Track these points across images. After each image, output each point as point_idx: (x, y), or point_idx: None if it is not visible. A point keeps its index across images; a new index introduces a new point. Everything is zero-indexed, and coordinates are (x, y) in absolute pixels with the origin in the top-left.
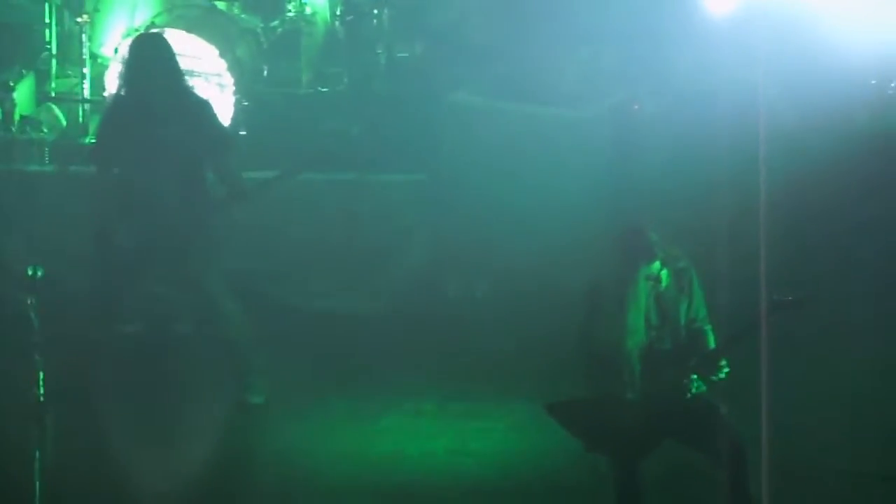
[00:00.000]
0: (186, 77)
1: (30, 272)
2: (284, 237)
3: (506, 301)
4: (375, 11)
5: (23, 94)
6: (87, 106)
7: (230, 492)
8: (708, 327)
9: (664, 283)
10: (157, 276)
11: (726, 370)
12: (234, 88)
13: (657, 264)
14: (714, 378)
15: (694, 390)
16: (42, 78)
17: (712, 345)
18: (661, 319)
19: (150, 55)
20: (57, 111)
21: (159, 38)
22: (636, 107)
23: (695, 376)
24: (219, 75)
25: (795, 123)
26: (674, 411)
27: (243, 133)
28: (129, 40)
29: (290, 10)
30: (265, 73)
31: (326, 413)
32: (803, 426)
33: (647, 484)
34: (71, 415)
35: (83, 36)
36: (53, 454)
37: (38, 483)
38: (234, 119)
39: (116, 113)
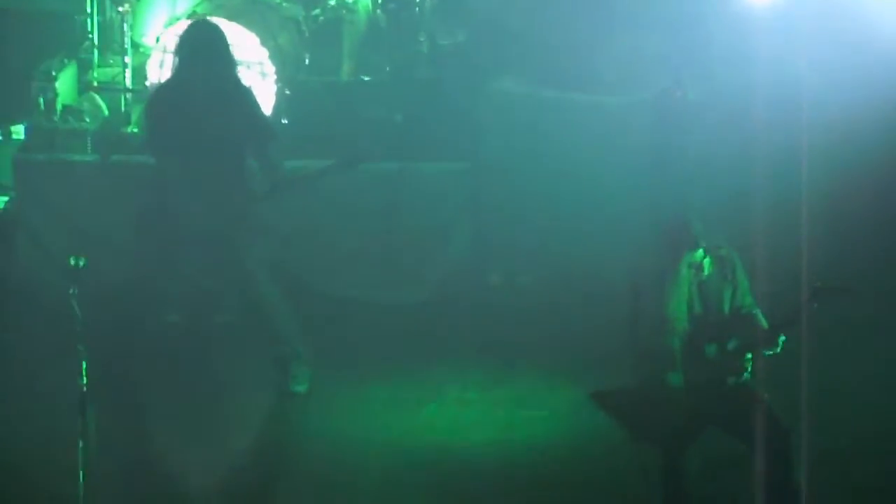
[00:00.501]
0: (237, 66)
1: (72, 262)
2: (328, 227)
3: (548, 290)
4: None
5: (65, 83)
6: (129, 95)
7: (273, 480)
8: (757, 311)
9: (707, 272)
10: (200, 264)
11: (782, 342)
12: (275, 77)
13: (700, 252)
14: (771, 352)
15: (738, 379)
16: (84, 67)
17: (765, 325)
18: (704, 308)
19: (203, 42)
20: (99, 100)
21: (213, 25)
22: (679, 93)
23: (746, 360)
24: (260, 63)
25: (839, 113)
26: (718, 400)
27: (285, 122)
28: (172, 29)
29: None
30: (307, 61)
31: (370, 403)
32: (846, 416)
33: (692, 473)
34: (114, 405)
35: (125, 25)
36: (97, 444)
37: (81, 473)
38: (275, 107)
39: (165, 98)
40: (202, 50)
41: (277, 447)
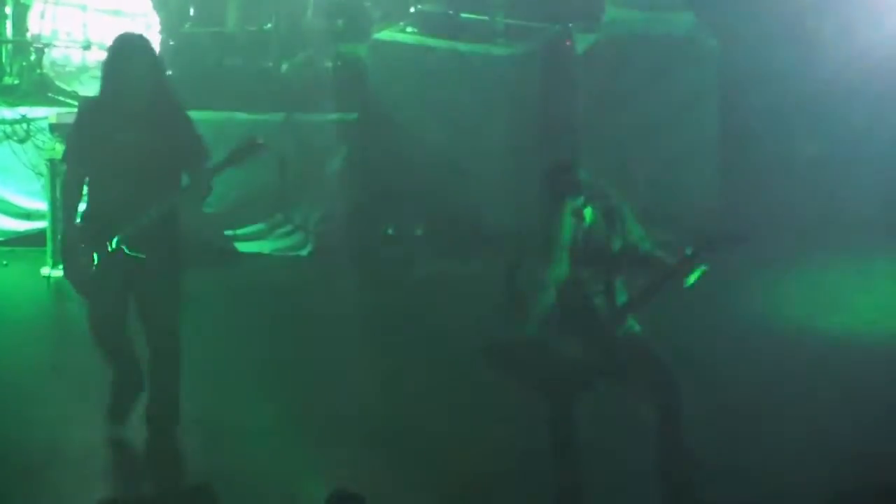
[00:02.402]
0: (167, 81)
1: None
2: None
3: (442, 240)
4: None
5: None
6: (10, 46)
7: None
8: (658, 254)
9: (588, 220)
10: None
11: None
12: (160, 28)
13: (581, 200)
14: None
15: (626, 330)
16: None
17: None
18: (592, 255)
19: (129, 56)
20: None
21: (141, 39)
22: (568, 43)
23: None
24: (145, 15)
25: None
26: (606, 351)
27: (170, 73)
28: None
29: None
30: (192, 12)
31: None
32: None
33: (580, 425)
34: None
35: None
36: None
37: None
38: (160, 58)
39: (93, 113)
40: (132, 64)
41: None
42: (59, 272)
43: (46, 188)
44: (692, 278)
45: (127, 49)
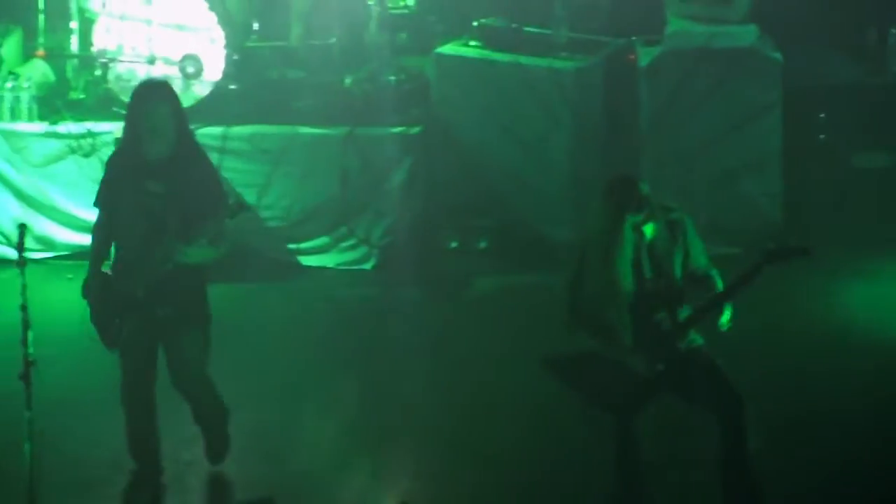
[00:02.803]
0: (189, 128)
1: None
2: (280, 192)
3: (505, 253)
4: None
5: (10, 50)
6: (75, 61)
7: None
8: (714, 273)
9: (649, 235)
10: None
11: (727, 316)
12: (224, 42)
13: (642, 215)
14: (721, 324)
15: (689, 344)
16: (29, 33)
17: (719, 288)
18: (655, 271)
19: (151, 104)
20: (45, 67)
21: (163, 86)
22: (631, 57)
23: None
24: (208, 29)
25: None
26: (670, 365)
27: (233, 87)
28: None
29: None
30: (255, 26)
31: (319, 365)
32: (799, 377)
33: (645, 437)
34: None
35: None
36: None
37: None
38: (224, 73)
39: (116, 161)
40: (154, 112)
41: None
42: None
43: None
44: (726, 319)
45: (148, 97)
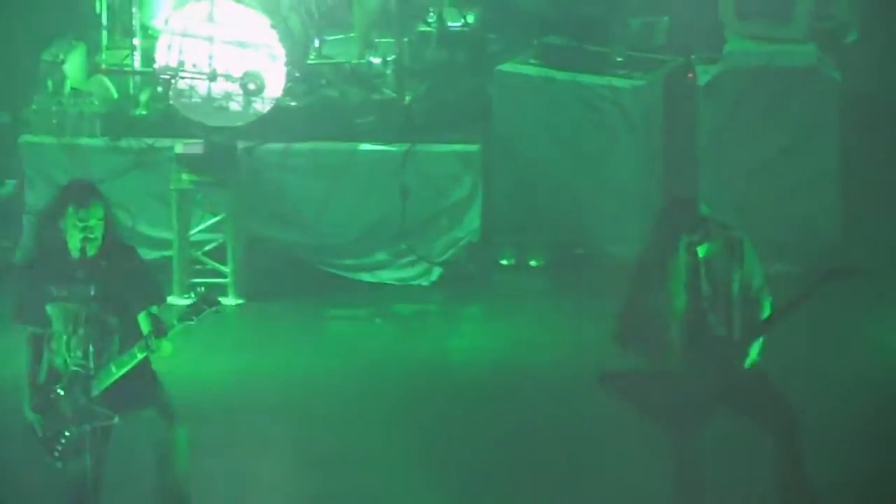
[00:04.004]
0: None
1: None
2: (339, 209)
3: (560, 270)
4: None
5: (73, 66)
6: (138, 78)
7: None
8: (765, 298)
9: (704, 253)
10: None
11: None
12: (285, 59)
13: (698, 235)
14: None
15: (746, 361)
16: (92, 50)
17: (768, 311)
18: (712, 290)
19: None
20: (108, 83)
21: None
22: (690, 75)
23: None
24: (270, 46)
25: None
26: (726, 382)
27: (294, 104)
28: (181, 11)
29: None
30: (316, 43)
31: (381, 382)
32: (854, 396)
33: (703, 454)
34: None
35: (134, 7)
36: None
37: None
38: (284, 90)
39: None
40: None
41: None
42: (183, 301)
43: (173, 218)
44: (753, 355)
45: (75, 197)
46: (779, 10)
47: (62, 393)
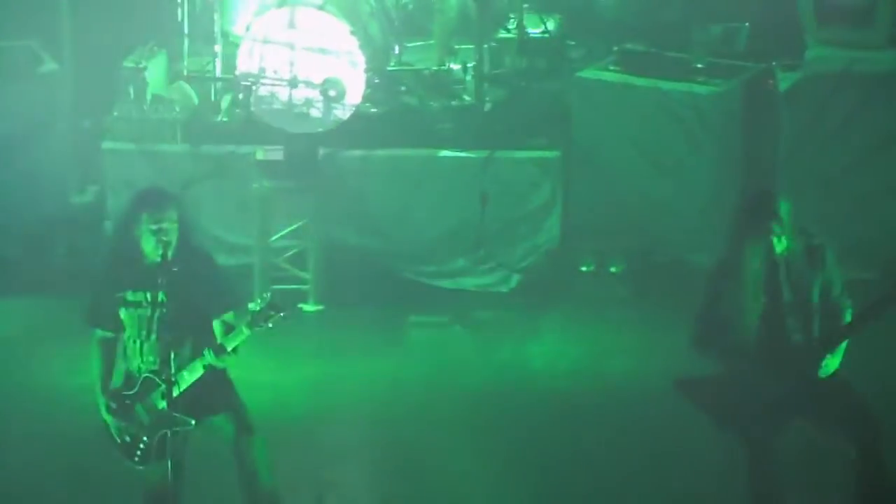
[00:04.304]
0: (193, 230)
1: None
2: (419, 215)
3: (639, 277)
4: None
5: (154, 72)
6: (218, 84)
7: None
8: (846, 305)
9: (779, 250)
10: None
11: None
12: (365, 66)
13: (777, 229)
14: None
15: (826, 368)
16: (174, 56)
17: (848, 319)
18: (792, 295)
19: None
20: (189, 90)
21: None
22: (770, 82)
23: (828, 355)
24: (350, 53)
25: None
26: (805, 390)
27: (374, 110)
28: (262, 18)
29: None
30: (396, 49)
31: (460, 389)
32: None
33: (781, 464)
34: None
35: (215, 14)
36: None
37: None
38: (365, 96)
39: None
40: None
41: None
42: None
43: (253, 224)
44: (834, 362)
45: (150, 203)
46: (860, 16)
47: (138, 399)
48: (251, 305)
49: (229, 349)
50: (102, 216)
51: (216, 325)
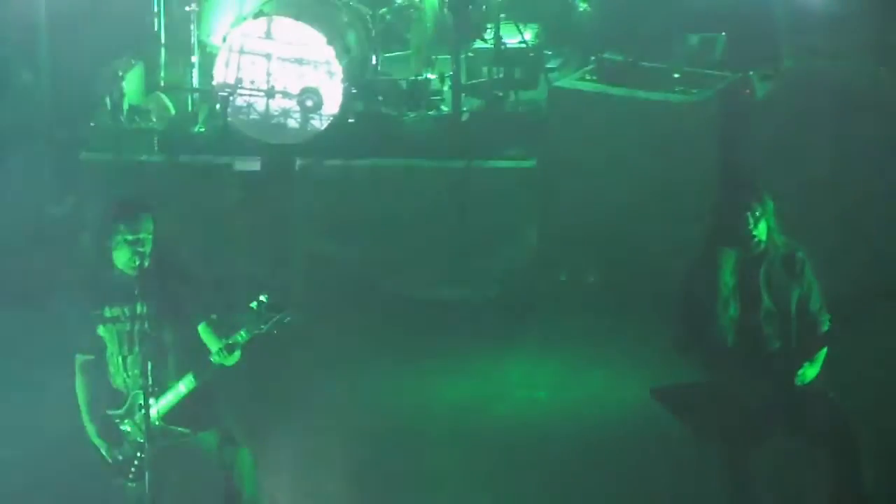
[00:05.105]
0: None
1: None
2: (394, 225)
3: (616, 287)
4: None
5: (132, 83)
6: (196, 95)
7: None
8: (824, 315)
9: (764, 230)
10: None
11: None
12: (342, 76)
13: (758, 208)
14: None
15: (803, 376)
16: (151, 67)
17: (824, 329)
18: (772, 303)
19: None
20: (166, 100)
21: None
22: (747, 91)
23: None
24: (327, 63)
25: None
26: (784, 398)
27: (352, 120)
28: (239, 28)
29: None
30: (373, 60)
31: (438, 401)
32: None
33: (759, 474)
34: None
35: (192, 25)
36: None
37: None
38: (342, 107)
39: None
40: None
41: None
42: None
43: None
44: (812, 371)
45: (125, 214)
46: (836, 25)
47: (127, 416)
48: (251, 305)
49: (226, 351)
50: (80, 227)
51: (202, 330)
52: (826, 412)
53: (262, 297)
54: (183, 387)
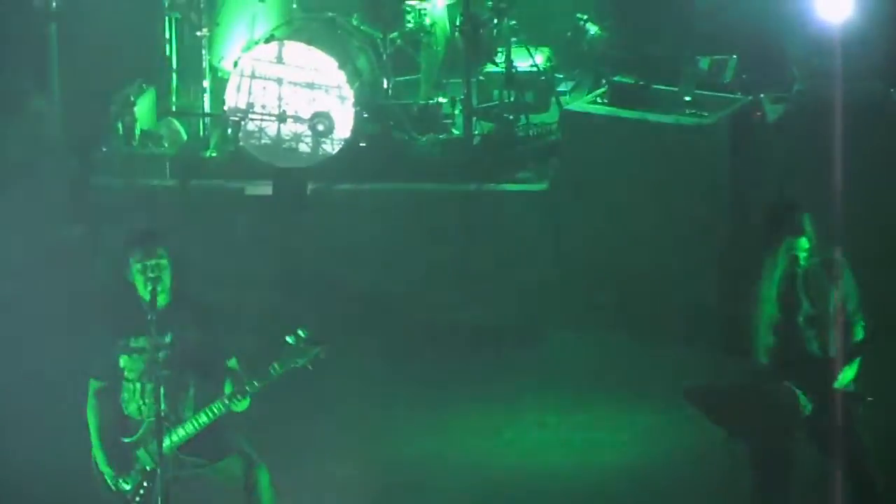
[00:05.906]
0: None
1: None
2: (406, 249)
3: (629, 309)
4: (495, 21)
5: (144, 108)
6: (207, 120)
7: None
8: (859, 319)
9: (803, 262)
10: None
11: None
12: (353, 100)
13: (802, 241)
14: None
15: (842, 380)
16: (163, 92)
17: (860, 336)
18: (813, 307)
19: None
20: (178, 125)
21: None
22: (758, 114)
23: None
24: (339, 87)
25: None
26: (819, 400)
27: (363, 145)
28: (250, 53)
29: (409, 22)
30: (385, 84)
31: (450, 426)
32: None
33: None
34: None
35: (203, 50)
36: None
37: None
38: (353, 131)
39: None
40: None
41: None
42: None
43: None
44: (849, 375)
45: (138, 244)
46: (846, 47)
47: (141, 444)
48: (287, 338)
49: (250, 390)
50: (93, 252)
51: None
52: (846, 422)
53: (299, 332)
54: (198, 420)
